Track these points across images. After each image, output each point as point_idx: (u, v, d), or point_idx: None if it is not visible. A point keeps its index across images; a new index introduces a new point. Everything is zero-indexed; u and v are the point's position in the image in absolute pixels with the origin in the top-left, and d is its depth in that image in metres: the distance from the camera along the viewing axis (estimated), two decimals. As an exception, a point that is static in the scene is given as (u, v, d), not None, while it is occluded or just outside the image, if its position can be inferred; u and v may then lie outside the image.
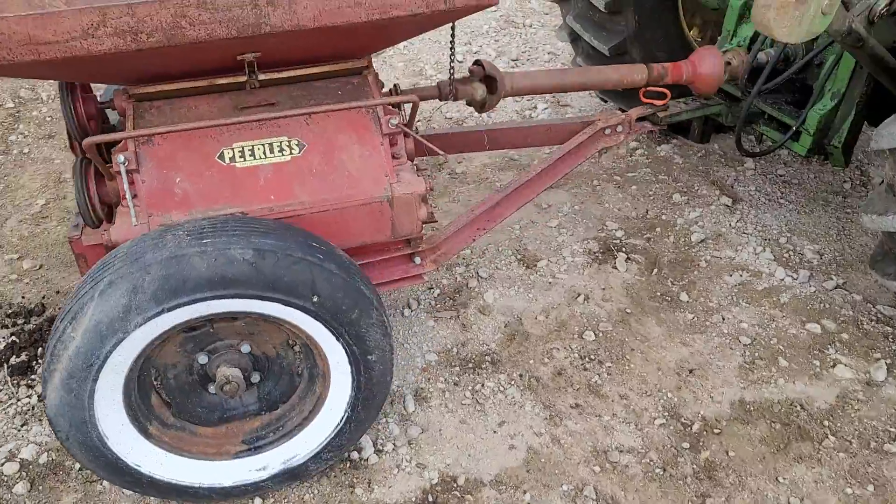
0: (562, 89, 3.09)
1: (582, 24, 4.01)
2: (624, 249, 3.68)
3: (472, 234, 2.90)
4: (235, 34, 2.07)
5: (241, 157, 2.37)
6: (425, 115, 4.70)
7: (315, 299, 2.14)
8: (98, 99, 2.67)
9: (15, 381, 2.89)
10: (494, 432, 2.81)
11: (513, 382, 3.00)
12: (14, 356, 2.96)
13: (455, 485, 2.63)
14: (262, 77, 2.40)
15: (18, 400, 2.84)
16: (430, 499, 2.58)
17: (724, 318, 3.31)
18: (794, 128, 3.23)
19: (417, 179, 2.51)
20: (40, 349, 3.00)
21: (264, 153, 2.39)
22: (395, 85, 2.90)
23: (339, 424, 2.43)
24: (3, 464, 2.63)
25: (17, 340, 3.00)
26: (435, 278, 3.49)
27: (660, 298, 3.42)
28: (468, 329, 3.25)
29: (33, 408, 2.82)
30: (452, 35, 2.79)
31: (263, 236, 2.10)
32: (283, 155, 2.40)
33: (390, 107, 2.54)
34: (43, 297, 3.29)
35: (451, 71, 2.87)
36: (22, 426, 2.76)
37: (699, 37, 4.32)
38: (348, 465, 2.65)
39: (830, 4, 2.33)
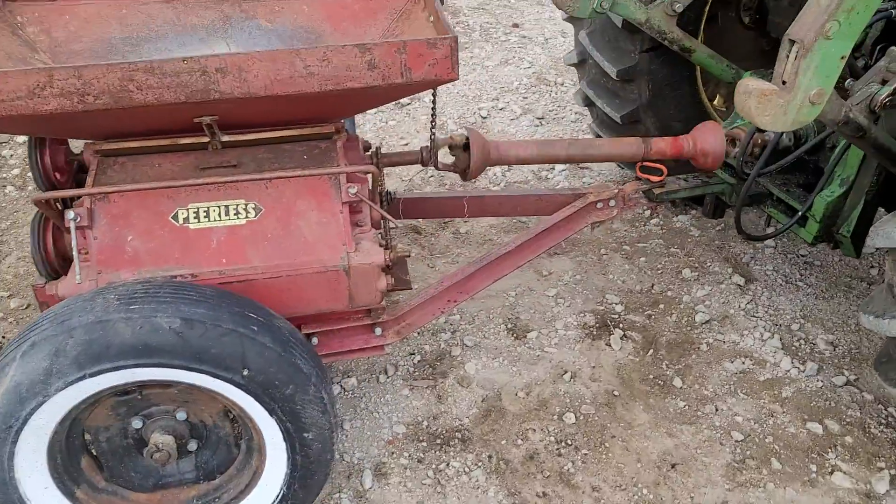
0: (550, 161, 2.98)
1: (595, 91, 3.91)
2: (621, 325, 3.51)
3: (442, 307, 2.79)
4: (184, 99, 2.05)
5: (195, 218, 2.33)
6: (428, 174, 4.65)
7: (245, 373, 2.07)
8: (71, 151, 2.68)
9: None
10: (451, 517, 2.67)
11: (480, 464, 2.85)
12: (-18, 397, 2.96)
13: (399, 572, 2.50)
14: (225, 138, 2.37)
15: (-23, 443, 2.83)
16: (370, 586, 2.45)
17: (717, 409, 3.10)
18: (800, 213, 3.03)
19: (377, 249, 2.42)
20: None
21: (219, 215, 2.35)
22: (376, 148, 2.85)
23: (275, 502, 2.33)
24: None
25: (-12, 381, 3.01)
26: (418, 343, 3.39)
27: (651, 382, 3.23)
28: (443, 401, 3.12)
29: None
30: (434, 103, 2.73)
31: (195, 305, 2.05)
32: (238, 218, 2.36)
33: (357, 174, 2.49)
34: (25, 337, 3.31)
35: (432, 137, 2.80)
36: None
37: (724, 107, 4.16)
38: (291, 541, 2.54)
39: (819, 94, 2.17)
